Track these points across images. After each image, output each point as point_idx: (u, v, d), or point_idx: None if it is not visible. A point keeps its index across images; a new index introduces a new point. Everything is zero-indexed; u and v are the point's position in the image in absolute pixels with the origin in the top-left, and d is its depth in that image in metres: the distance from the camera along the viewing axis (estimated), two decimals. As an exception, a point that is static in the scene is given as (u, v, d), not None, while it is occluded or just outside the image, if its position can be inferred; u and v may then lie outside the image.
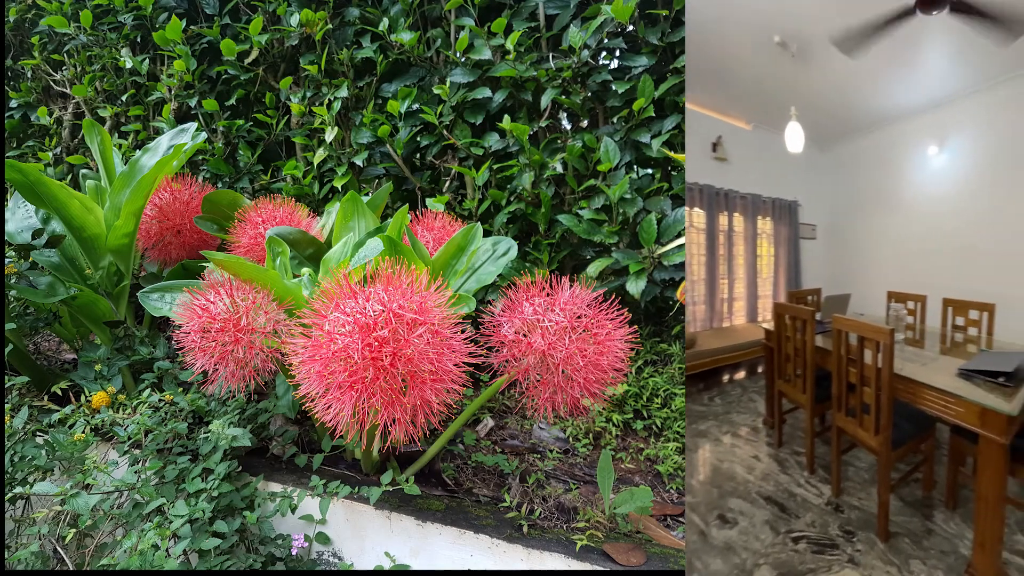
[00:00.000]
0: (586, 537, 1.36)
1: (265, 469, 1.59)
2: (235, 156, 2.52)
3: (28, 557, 1.28)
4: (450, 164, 2.23)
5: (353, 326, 1.07)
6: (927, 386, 1.66)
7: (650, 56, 2.00)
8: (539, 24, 2.13)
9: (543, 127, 2.12)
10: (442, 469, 1.62)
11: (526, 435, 1.88)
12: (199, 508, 1.34)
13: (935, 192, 4.23)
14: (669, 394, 1.96)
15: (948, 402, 1.59)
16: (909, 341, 2.41)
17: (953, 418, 1.58)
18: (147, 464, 1.45)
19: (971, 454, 1.79)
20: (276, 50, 2.41)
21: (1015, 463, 1.78)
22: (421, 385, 1.09)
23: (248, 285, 1.33)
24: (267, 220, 1.75)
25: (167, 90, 2.51)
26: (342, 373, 1.07)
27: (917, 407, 1.72)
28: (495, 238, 1.56)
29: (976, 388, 1.63)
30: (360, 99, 2.33)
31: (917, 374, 1.75)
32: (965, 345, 2.46)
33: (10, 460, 1.40)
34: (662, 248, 1.93)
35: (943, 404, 1.61)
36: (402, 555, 1.42)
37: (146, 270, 2.09)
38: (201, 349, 1.28)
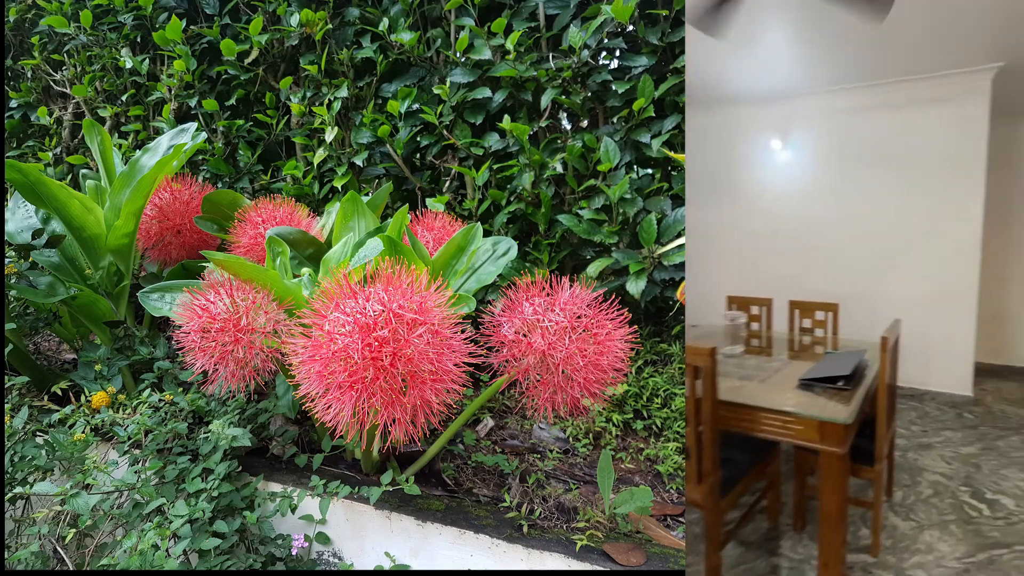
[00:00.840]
0: (586, 537, 1.36)
1: (265, 469, 1.59)
2: (235, 156, 2.52)
3: (28, 557, 1.28)
4: (450, 164, 2.23)
5: (353, 326, 1.07)
6: (763, 410, 1.54)
7: (650, 56, 2.00)
8: (539, 24, 2.12)
9: (543, 127, 2.12)
10: (442, 469, 1.62)
11: (526, 435, 1.88)
12: (199, 508, 1.34)
13: (780, 188, 4.22)
14: (669, 394, 1.96)
15: (787, 422, 1.51)
16: (754, 350, 2.35)
17: (793, 438, 1.51)
18: (147, 464, 1.45)
19: (817, 465, 1.69)
20: (276, 50, 2.41)
21: (856, 464, 1.79)
22: (421, 385, 1.09)
23: (248, 285, 1.33)
24: (267, 220, 1.75)
25: (167, 90, 2.51)
26: (342, 373, 1.07)
27: (755, 435, 1.58)
28: (495, 238, 1.56)
29: (816, 399, 1.60)
30: (360, 99, 2.33)
31: (755, 396, 1.62)
32: (812, 347, 2.46)
33: (10, 460, 1.40)
34: (662, 248, 1.93)
35: (781, 425, 1.52)
36: (402, 555, 1.42)
37: (146, 270, 2.09)
38: (201, 349, 1.28)
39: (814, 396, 1.63)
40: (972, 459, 2.63)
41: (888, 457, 2.08)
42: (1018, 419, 3.25)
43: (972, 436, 2.93)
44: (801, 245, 4.12)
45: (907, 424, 3.09)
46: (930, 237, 3.72)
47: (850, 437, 1.51)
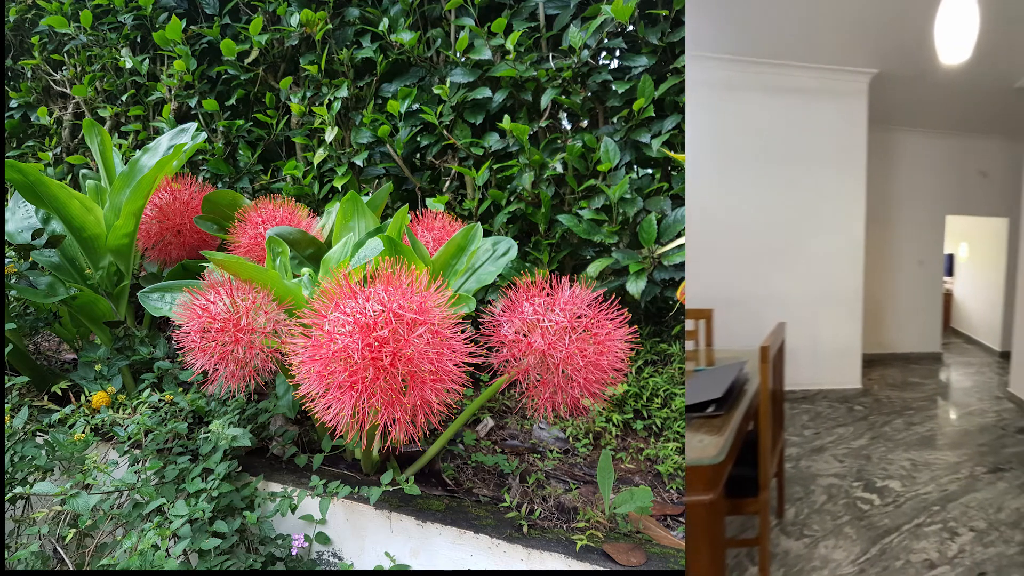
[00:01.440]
0: (586, 537, 1.36)
1: (265, 469, 1.59)
2: (235, 156, 2.52)
3: (28, 557, 1.28)
4: (450, 164, 2.23)
5: (353, 326, 1.07)
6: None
7: (650, 56, 2.00)
8: (539, 24, 2.13)
9: (543, 127, 2.12)
10: (442, 469, 1.62)
11: (526, 435, 1.88)
12: (199, 508, 1.34)
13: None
14: (669, 394, 1.96)
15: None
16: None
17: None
18: (147, 464, 1.45)
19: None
20: (276, 50, 2.41)
21: (736, 499, 1.58)
22: (421, 385, 1.09)
23: (248, 285, 1.33)
24: (267, 220, 1.75)
25: (167, 90, 2.51)
26: (342, 373, 1.07)
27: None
28: (495, 238, 1.56)
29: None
30: (360, 99, 2.33)
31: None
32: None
33: (10, 460, 1.40)
34: (662, 248, 1.93)
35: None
36: (402, 555, 1.42)
37: (146, 270, 2.09)
38: (201, 349, 1.28)
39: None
40: (863, 451, 2.68)
41: (777, 476, 1.97)
42: (900, 402, 3.37)
43: (863, 427, 3.00)
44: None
45: (799, 429, 3.08)
46: (816, 236, 3.74)
47: (723, 475, 1.32)
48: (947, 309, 6.20)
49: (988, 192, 4.88)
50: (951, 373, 4.54)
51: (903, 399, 3.53)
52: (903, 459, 2.53)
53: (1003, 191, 4.77)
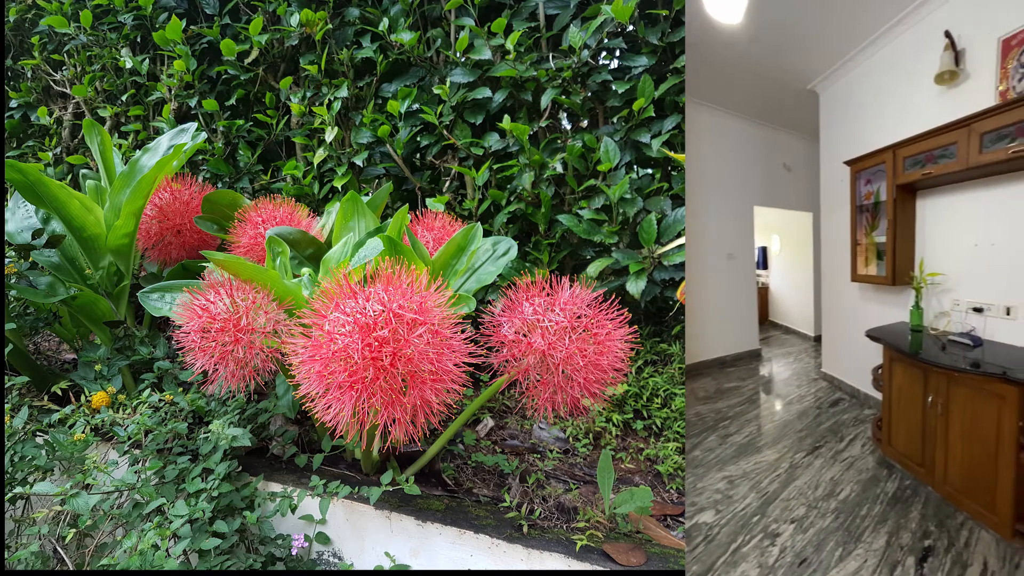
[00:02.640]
0: (586, 537, 1.36)
1: (265, 469, 1.59)
2: (235, 156, 2.52)
3: (28, 557, 1.28)
4: (450, 164, 2.23)
5: (353, 326, 1.07)
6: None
7: (650, 56, 2.01)
8: (539, 24, 2.13)
9: (543, 127, 2.12)
10: (442, 469, 1.62)
11: (526, 435, 1.87)
12: (199, 508, 1.34)
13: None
14: (669, 394, 1.96)
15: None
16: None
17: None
18: (147, 464, 1.45)
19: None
20: (276, 50, 2.41)
21: None
22: (421, 385, 1.09)
23: (248, 285, 1.33)
24: (267, 220, 1.75)
25: (167, 90, 2.51)
26: (342, 373, 1.07)
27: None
28: (495, 238, 1.56)
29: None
30: (360, 99, 2.33)
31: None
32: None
33: (10, 460, 1.40)
34: (662, 248, 1.92)
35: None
36: (402, 555, 1.42)
37: (146, 270, 2.09)
38: (201, 349, 1.28)
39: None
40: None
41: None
42: (713, 416, 3.06)
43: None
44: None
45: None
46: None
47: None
48: (764, 303, 6.11)
49: (795, 187, 4.91)
50: (772, 366, 4.38)
51: (716, 411, 3.18)
52: (718, 481, 2.24)
53: (808, 186, 4.77)
